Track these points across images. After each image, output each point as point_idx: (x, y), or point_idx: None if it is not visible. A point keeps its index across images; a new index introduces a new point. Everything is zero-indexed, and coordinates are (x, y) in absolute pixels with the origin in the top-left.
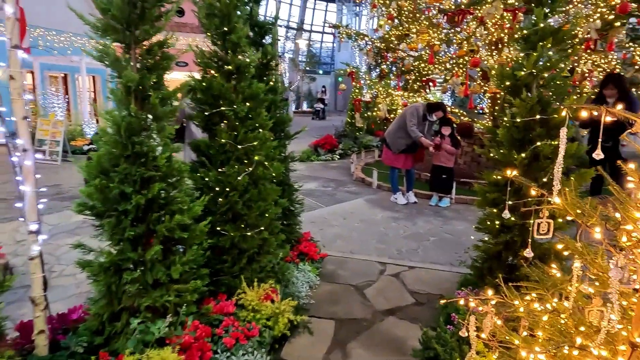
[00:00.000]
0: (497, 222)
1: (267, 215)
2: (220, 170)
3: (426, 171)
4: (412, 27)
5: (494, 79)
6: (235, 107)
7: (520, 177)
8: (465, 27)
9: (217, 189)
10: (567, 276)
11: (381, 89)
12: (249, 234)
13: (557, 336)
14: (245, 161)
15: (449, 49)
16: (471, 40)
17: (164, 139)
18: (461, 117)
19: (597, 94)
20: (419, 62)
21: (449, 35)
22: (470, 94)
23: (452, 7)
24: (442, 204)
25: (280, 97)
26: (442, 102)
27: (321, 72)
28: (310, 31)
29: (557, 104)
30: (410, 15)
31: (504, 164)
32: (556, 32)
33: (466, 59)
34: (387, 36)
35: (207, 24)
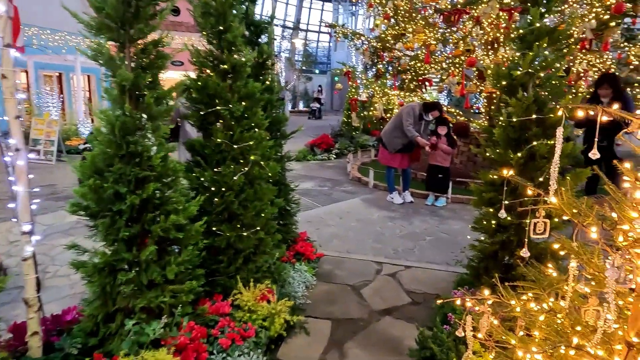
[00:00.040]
0: (494, 222)
1: (263, 215)
2: (216, 170)
3: (422, 171)
4: (408, 26)
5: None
6: (230, 106)
7: (516, 177)
8: (461, 27)
9: (213, 189)
10: (564, 276)
11: (377, 89)
12: (245, 234)
13: (553, 336)
14: (241, 161)
15: (445, 48)
16: (467, 39)
17: (158, 138)
18: (457, 117)
19: (592, 93)
20: (415, 61)
21: (445, 34)
22: (466, 94)
23: (448, 7)
24: (438, 203)
25: (276, 96)
26: (439, 101)
27: (317, 71)
28: (306, 30)
29: (553, 103)
30: (406, 14)
31: (500, 164)
32: (552, 31)
33: (462, 58)
34: (384, 36)
35: (202, 22)
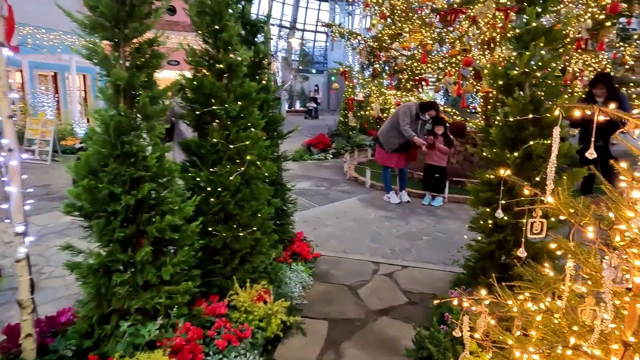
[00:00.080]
0: (490, 222)
1: (259, 215)
2: (211, 170)
3: (419, 170)
4: (404, 26)
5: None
6: (226, 106)
7: (513, 177)
8: (457, 27)
9: (209, 189)
10: (560, 275)
11: (374, 88)
12: (241, 234)
13: (550, 336)
14: (237, 161)
15: (442, 48)
16: (463, 39)
17: (154, 138)
18: (454, 116)
19: (586, 93)
20: (412, 61)
21: (442, 34)
22: (462, 93)
23: (445, 7)
24: (435, 203)
25: (272, 96)
26: (435, 101)
27: (314, 71)
28: (303, 30)
29: (550, 103)
30: (402, 14)
31: (497, 163)
32: (548, 31)
33: (459, 58)
34: (380, 35)
35: (198, 22)
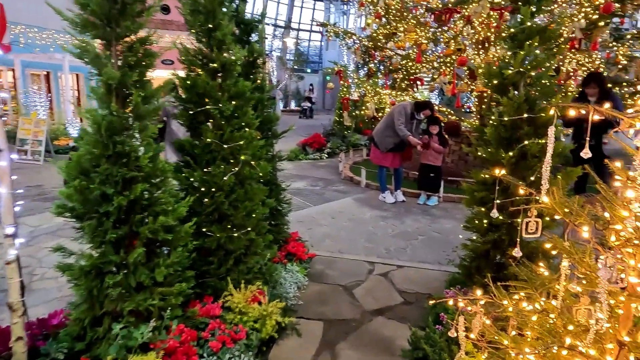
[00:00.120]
0: (485, 221)
1: (254, 215)
2: (205, 170)
3: (414, 170)
4: (399, 25)
5: (481, 77)
6: (220, 105)
7: (508, 176)
8: (452, 26)
9: (203, 189)
10: (555, 275)
11: (369, 88)
12: (236, 234)
13: (545, 336)
14: (231, 161)
15: (437, 47)
16: (458, 39)
17: (146, 138)
18: (449, 116)
19: (579, 93)
20: (407, 60)
21: (437, 34)
22: (457, 93)
23: (440, 6)
24: (430, 202)
25: (267, 95)
26: (430, 100)
27: (309, 70)
28: (298, 29)
29: (544, 102)
30: (397, 13)
31: (492, 163)
32: (543, 31)
33: (453, 57)
34: (375, 35)
35: (191, 20)
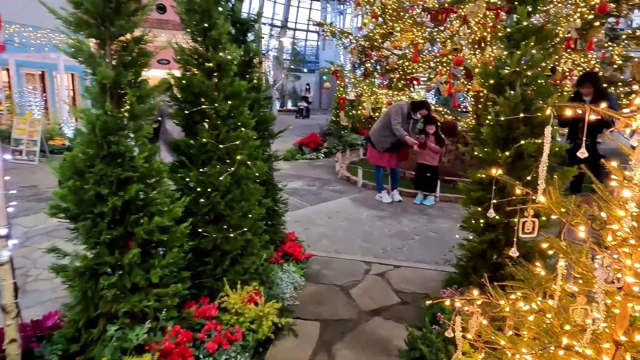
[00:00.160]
0: (482, 221)
1: (250, 215)
2: (201, 170)
3: (411, 169)
4: (396, 25)
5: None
6: (216, 105)
7: (504, 176)
8: (448, 26)
9: (199, 190)
10: (552, 274)
11: (365, 88)
12: (232, 235)
13: (542, 335)
14: (227, 161)
15: (433, 47)
16: (454, 38)
17: (141, 138)
18: (445, 116)
19: (574, 93)
20: (403, 60)
21: (433, 33)
22: (453, 93)
23: (436, 6)
24: (426, 202)
25: (263, 95)
26: (426, 100)
27: (306, 70)
28: (294, 29)
29: (540, 102)
30: (394, 13)
31: (488, 163)
32: (539, 30)
33: (450, 57)
34: (371, 34)
35: (187, 20)
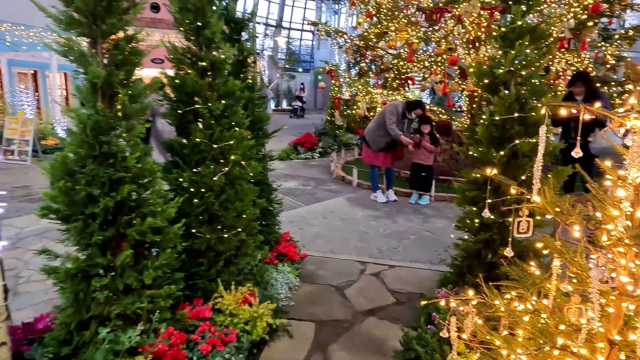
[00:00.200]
0: (477, 221)
1: (244, 216)
2: (195, 170)
3: (406, 169)
4: (390, 25)
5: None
6: (210, 104)
7: (499, 176)
8: (443, 26)
9: (192, 190)
10: (546, 274)
11: (360, 87)
12: (226, 235)
13: (537, 335)
14: (221, 161)
15: (428, 47)
16: (449, 38)
17: (133, 138)
18: (440, 115)
19: (567, 92)
20: (398, 60)
21: (428, 33)
22: (448, 92)
23: (431, 5)
24: (421, 201)
25: (257, 94)
26: (421, 100)
27: (301, 69)
28: (289, 28)
29: (535, 101)
30: (389, 13)
31: (483, 162)
32: (533, 30)
33: (444, 57)
34: (366, 34)
35: (180, 18)
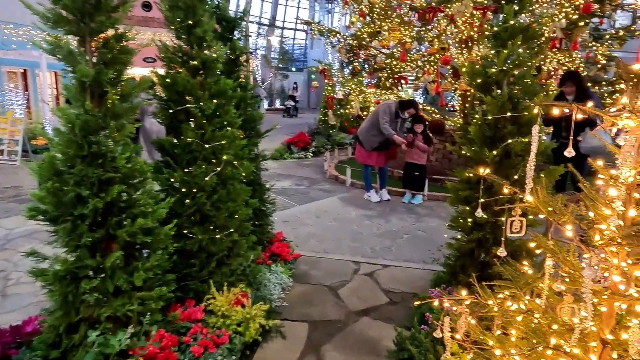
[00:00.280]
0: (470, 220)
1: (236, 216)
2: (186, 170)
3: (399, 168)
4: (383, 24)
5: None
6: (201, 104)
7: (492, 175)
8: (436, 25)
9: (184, 190)
10: (539, 273)
11: (354, 87)
12: (218, 236)
13: (530, 335)
14: (213, 160)
15: (421, 46)
16: (442, 38)
17: (123, 138)
18: (433, 115)
19: (558, 92)
20: (391, 59)
21: (420, 32)
22: (441, 92)
23: (423, 5)
24: (415, 201)
25: (250, 93)
26: (414, 99)
27: (294, 69)
28: (282, 27)
29: (527, 101)
30: (382, 12)
31: (476, 162)
32: (525, 29)
33: (437, 56)
34: (359, 33)
35: (171, 17)
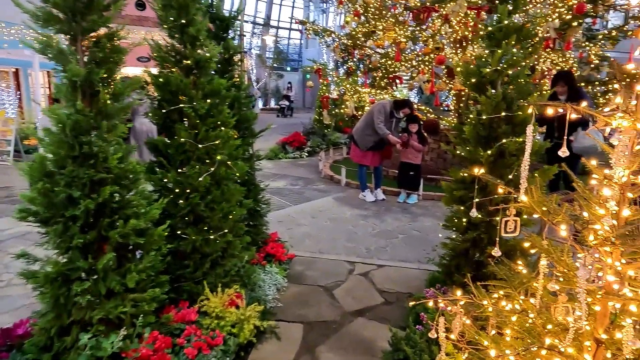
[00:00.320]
0: (464, 220)
1: (231, 217)
2: (180, 170)
3: (394, 168)
4: (378, 24)
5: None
6: (195, 104)
7: (486, 175)
8: (430, 25)
9: (177, 191)
10: (533, 273)
11: (348, 86)
12: (212, 237)
13: (525, 335)
14: (206, 161)
15: (415, 46)
16: (436, 37)
17: (115, 138)
18: (427, 114)
19: (551, 92)
20: (386, 59)
21: (415, 32)
22: (436, 91)
23: (418, 5)
24: (410, 200)
25: (244, 93)
26: (409, 99)
27: (289, 68)
28: (277, 27)
29: (521, 101)
30: (376, 12)
31: (471, 161)
32: (519, 29)
33: (432, 56)
34: (354, 33)
35: (163, 16)
